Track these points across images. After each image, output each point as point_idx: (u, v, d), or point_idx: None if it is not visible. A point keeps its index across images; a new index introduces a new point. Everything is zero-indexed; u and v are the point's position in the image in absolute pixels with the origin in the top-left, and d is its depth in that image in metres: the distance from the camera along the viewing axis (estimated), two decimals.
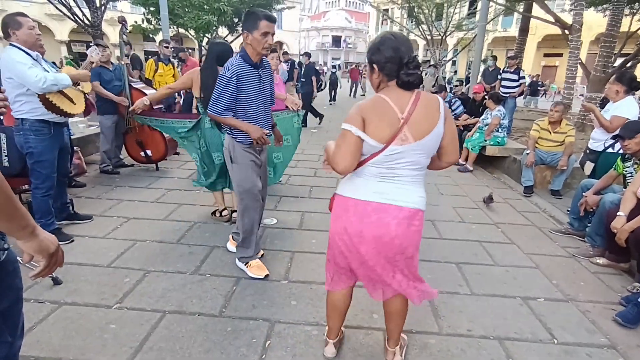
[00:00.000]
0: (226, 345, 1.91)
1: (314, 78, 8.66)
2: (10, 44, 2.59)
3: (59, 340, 1.89)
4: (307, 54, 9.27)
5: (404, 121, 1.44)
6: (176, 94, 6.18)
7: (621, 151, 3.16)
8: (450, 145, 1.55)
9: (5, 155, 3.00)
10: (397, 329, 1.77)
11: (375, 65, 1.51)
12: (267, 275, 2.52)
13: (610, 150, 3.64)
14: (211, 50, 3.08)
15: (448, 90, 8.07)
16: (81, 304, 2.18)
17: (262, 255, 2.78)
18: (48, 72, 2.69)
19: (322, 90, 11.08)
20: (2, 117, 3.18)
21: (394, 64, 1.45)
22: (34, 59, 2.63)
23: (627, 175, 3.04)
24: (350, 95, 18.79)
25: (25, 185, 3.18)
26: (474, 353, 1.95)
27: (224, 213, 3.47)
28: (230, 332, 2.01)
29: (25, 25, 2.59)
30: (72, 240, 2.90)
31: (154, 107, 4.65)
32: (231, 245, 2.87)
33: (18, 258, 1.03)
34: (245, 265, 2.59)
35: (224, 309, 2.20)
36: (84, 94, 3.10)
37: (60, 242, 1.02)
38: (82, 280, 2.41)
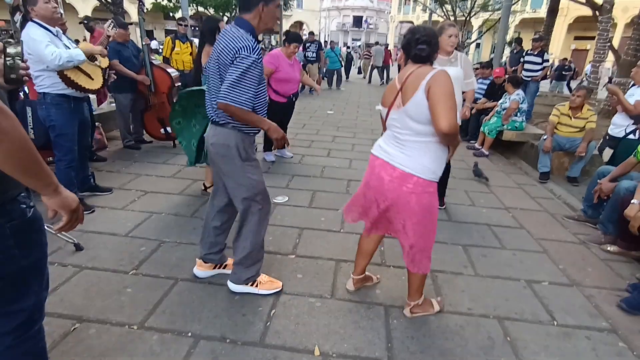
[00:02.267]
0: (233, 312, 2.02)
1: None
2: (31, 20, 2.64)
3: (81, 300, 2.03)
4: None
5: (399, 89, 1.74)
6: None
7: None
8: (434, 111, 1.60)
9: (31, 128, 3.16)
10: (410, 287, 2.04)
11: (402, 49, 1.83)
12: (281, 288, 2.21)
13: (631, 136, 3.53)
14: (206, 28, 3.17)
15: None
16: (101, 269, 2.32)
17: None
18: (68, 47, 2.77)
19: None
20: (27, 91, 3.31)
21: (409, 44, 1.74)
22: (53, 34, 2.69)
23: None
24: (380, 82, 15.21)
25: (50, 158, 3.34)
26: (472, 330, 2.00)
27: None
28: (238, 300, 2.12)
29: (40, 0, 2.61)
30: (93, 211, 3.06)
31: (175, 85, 4.78)
32: (200, 270, 2.28)
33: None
34: (252, 285, 2.14)
35: None
36: (102, 69, 3.15)
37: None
38: (101, 248, 2.55)
